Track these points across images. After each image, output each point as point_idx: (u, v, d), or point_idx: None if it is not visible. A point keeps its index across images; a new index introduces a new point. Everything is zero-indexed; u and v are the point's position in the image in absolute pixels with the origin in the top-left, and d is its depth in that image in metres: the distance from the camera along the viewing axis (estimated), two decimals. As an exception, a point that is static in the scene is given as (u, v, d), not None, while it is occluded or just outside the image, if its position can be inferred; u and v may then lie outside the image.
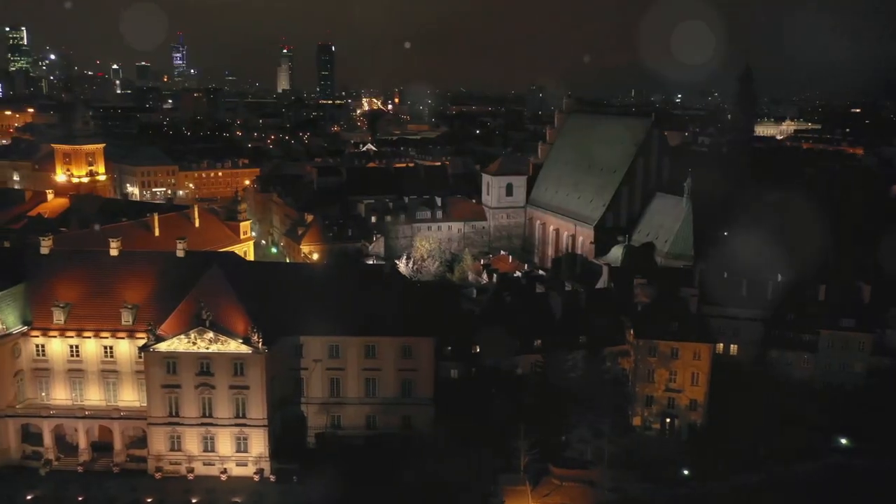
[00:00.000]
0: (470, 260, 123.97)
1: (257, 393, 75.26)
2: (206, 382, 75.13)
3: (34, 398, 79.42)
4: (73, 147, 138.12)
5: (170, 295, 78.71)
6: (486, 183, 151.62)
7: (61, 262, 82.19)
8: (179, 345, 74.14)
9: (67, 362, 78.81)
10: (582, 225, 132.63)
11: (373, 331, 79.52)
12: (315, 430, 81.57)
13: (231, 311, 75.39)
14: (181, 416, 75.89)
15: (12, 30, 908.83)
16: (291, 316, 79.09)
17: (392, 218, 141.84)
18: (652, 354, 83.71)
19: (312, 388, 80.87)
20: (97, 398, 79.38)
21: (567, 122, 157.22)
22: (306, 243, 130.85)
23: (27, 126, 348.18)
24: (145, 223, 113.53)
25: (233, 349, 74.19)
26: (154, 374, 75.03)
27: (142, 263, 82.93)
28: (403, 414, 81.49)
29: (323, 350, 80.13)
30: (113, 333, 77.90)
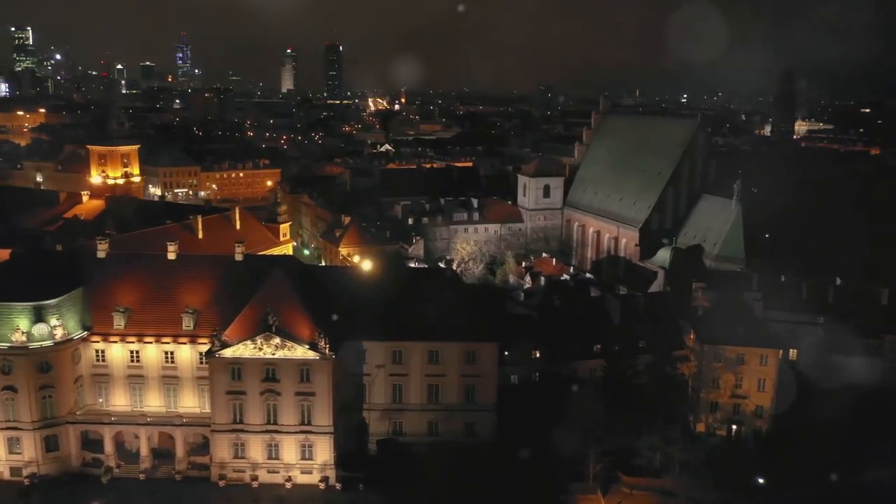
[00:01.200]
0: (513, 262, 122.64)
1: (323, 399, 74.04)
2: (271, 389, 73.92)
3: (93, 404, 78.24)
4: (108, 148, 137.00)
5: (230, 299, 77.62)
6: (522, 184, 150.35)
7: (119, 265, 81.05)
8: (245, 350, 72.93)
9: (127, 368, 77.65)
10: (626, 227, 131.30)
11: (437, 336, 78.31)
12: (376, 436, 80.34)
13: (296, 316, 74.20)
14: (245, 423, 74.66)
15: (18, 30, 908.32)
16: (353, 320, 77.85)
17: (429, 220, 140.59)
18: (717, 360, 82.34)
19: (375, 395, 79.65)
20: (157, 404, 78.20)
21: (604, 124, 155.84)
22: (345, 245, 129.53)
23: (42, 126, 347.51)
24: (189, 225, 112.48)
25: (299, 355, 72.97)
26: (219, 381, 73.84)
27: (201, 267, 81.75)
28: (466, 420, 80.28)
29: (386, 355, 78.95)
30: (175, 339, 76.74)
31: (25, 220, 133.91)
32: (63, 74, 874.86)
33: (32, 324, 72.98)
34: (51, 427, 74.83)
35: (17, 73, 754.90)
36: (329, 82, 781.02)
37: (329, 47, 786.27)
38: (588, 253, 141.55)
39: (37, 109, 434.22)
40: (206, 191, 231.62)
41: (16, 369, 72.95)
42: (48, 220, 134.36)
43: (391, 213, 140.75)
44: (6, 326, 72.79)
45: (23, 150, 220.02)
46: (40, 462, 74.74)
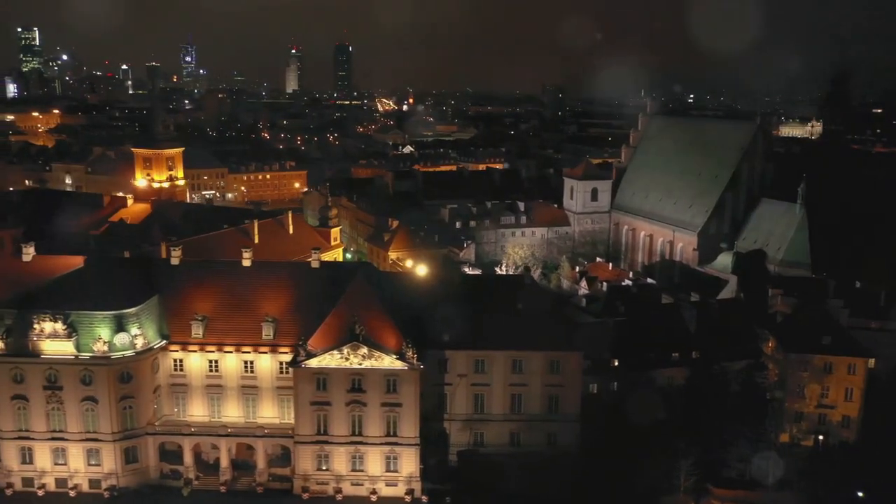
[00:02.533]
0: (567, 266, 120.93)
1: (410, 410, 72.48)
2: (357, 399, 72.34)
3: (170, 414, 76.70)
4: (153, 151, 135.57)
5: (309, 307, 76.12)
6: (569, 187, 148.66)
7: (193, 272, 79.51)
8: (331, 361, 71.37)
9: (206, 377, 76.08)
10: (682, 231, 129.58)
11: (520, 345, 76.73)
12: (457, 447, 78.80)
13: (381, 324, 72.65)
14: (330, 435, 73.08)
15: (24, 30, 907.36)
16: (434, 329, 76.31)
17: (477, 223, 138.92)
18: (803, 369, 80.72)
19: (456, 405, 78.08)
20: (236, 415, 76.61)
21: (651, 125, 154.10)
22: (394, 250, 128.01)
23: (61, 127, 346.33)
24: (245, 230, 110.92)
25: (386, 365, 71.38)
26: (303, 391, 72.28)
27: (277, 274, 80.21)
28: (549, 431, 78.66)
29: (468, 365, 77.39)
30: (255, 348, 75.15)
31: (69, 224, 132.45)
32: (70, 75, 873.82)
33: (114, 333, 71.50)
34: (131, 438, 73.35)
35: (25, 73, 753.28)
36: (339, 83, 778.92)
37: (338, 47, 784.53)
38: (639, 257, 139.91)
39: (51, 110, 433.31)
40: (233, 193, 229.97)
41: (97, 380, 71.48)
42: (92, 224, 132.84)
43: (438, 217, 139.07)
44: (87, 336, 71.32)
45: (51, 152, 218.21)
46: (120, 474, 73.26)
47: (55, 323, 70.60)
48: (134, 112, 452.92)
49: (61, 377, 71.44)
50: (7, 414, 72.12)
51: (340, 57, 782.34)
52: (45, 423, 72.29)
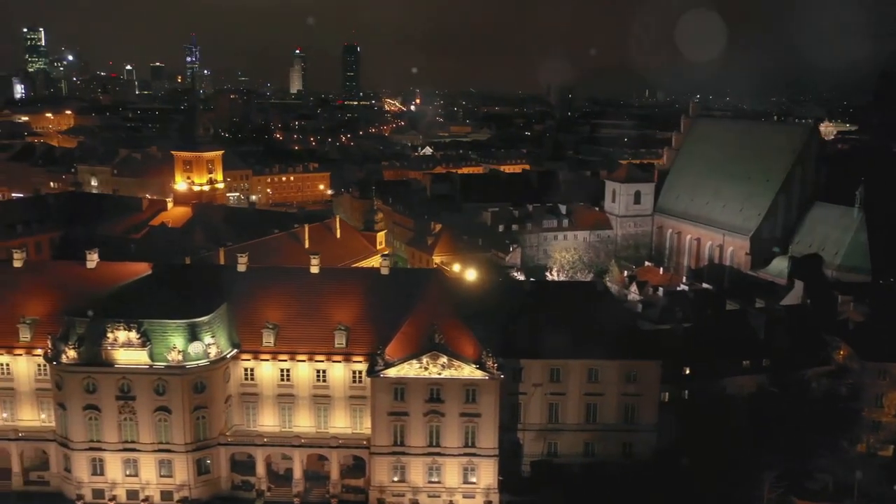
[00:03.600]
0: (617, 270, 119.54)
1: (489, 421, 71.05)
2: (435, 410, 70.91)
3: (240, 424, 75.30)
4: (194, 154, 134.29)
5: (380, 315, 74.88)
6: (611, 190, 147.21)
7: (261, 279, 78.27)
8: (410, 370, 69.96)
9: (278, 387, 74.68)
10: (732, 235, 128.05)
11: (597, 353, 75.30)
12: (530, 457, 77.44)
13: (458, 333, 71.27)
14: (407, 446, 71.65)
15: (30, 30, 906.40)
16: (508, 336, 74.89)
17: (519, 227, 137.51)
18: (882, 377, 79.22)
19: (530, 414, 76.66)
20: (307, 424, 75.18)
21: (694, 128, 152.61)
22: (438, 253, 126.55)
23: (77, 129, 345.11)
24: (295, 234, 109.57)
25: (466, 374, 69.97)
26: (380, 401, 70.85)
27: (346, 281, 79.14)
28: (624, 441, 77.24)
29: (544, 374, 75.96)
30: (328, 357, 73.73)
31: (107, 228, 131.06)
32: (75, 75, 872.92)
33: (188, 342, 70.05)
34: (203, 449, 71.95)
35: (31, 74, 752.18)
36: (346, 83, 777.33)
37: (347, 48, 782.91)
38: (684, 261, 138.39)
39: (63, 111, 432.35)
40: (257, 195, 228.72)
41: (171, 390, 70.04)
42: (132, 228, 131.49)
43: (479, 220, 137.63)
44: (161, 345, 69.90)
45: (75, 154, 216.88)
46: (192, 485, 71.86)
47: (129, 332, 69.16)
48: (146, 113, 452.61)
49: (134, 387, 70.03)
50: (78, 424, 70.68)
51: (349, 57, 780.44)
52: (116, 433, 70.87)
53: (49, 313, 74.84)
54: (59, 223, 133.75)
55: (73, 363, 69.46)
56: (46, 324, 74.27)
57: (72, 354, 69.39)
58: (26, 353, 73.67)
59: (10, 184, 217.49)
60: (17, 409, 75.15)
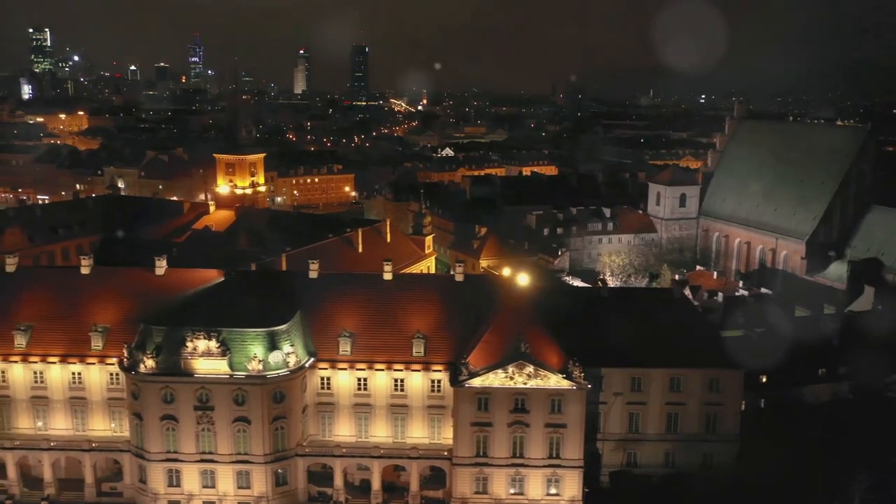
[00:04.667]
0: (669, 275, 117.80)
1: (575, 431, 69.62)
2: (519, 420, 69.44)
3: (315, 435, 73.85)
4: (237, 157, 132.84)
5: (457, 323, 73.58)
6: (655, 193, 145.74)
7: (333, 286, 76.84)
8: (495, 380, 68.51)
9: (354, 396, 73.24)
10: (786, 238, 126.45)
11: (680, 362, 73.80)
12: (609, 468, 75.92)
13: (541, 341, 69.84)
14: (490, 457, 70.19)
15: (36, 31, 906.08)
16: (587, 344, 73.34)
17: (564, 230, 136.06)
18: (967, 386, 77.61)
19: (610, 424, 75.13)
20: (384, 434, 73.73)
21: (740, 129, 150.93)
22: (485, 257, 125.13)
23: (94, 130, 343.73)
24: (349, 239, 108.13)
25: (552, 384, 68.52)
26: (464, 411, 69.39)
27: (420, 288, 77.69)
28: (705, 451, 75.66)
29: (624, 383, 74.43)
30: (407, 366, 72.26)
31: (148, 231, 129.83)
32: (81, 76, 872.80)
33: (268, 351, 68.64)
34: (282, 460, 70.52)
35: (38, 74, 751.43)
36: (355, 84, 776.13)
37: (356, 48, 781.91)
38: (732, 264, 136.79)
39: (75, 112, 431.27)
40: (282, 197, 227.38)
41: (250, 399, 68.61)
42: (173, 231, 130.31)
43: (523, 223, 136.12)
44: (240, 354, 68.49)
45: (101, 156, 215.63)
46: (270, 497, 70.45)
47: (209, 341, 67.76)
48: (158, 114, 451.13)
49: (213, 397, 68.61)
50: (155, 435, 69.29)
51: (357, 58, 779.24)
52: (194, 444, 69.46)
53: (120, 321, 73.66)
54: (99, 227, 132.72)
55: (151, 373, 68.06)
56: (117, 332, 73.10)
57: (150, 364, 68.00)
58: (99, 362, 72.25)
59: (36, 186, 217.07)
60: (89, 419, 73.78)
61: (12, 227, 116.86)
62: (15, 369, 72.74)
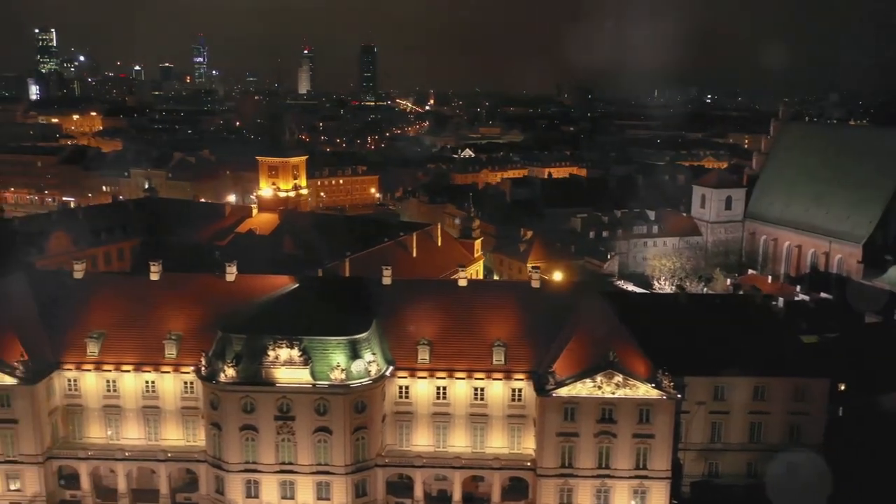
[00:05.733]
0: (723, 279, 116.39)
1: (663, 442, 68.15)
2: (606, 430, 67.98)
3: (393, 444, 72.39)
4: (280, 160, 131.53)
5: (537, 331, 72.12)
6: (700, 195, 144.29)
7: (407, 293, 75.44)
8: (582, 389, 67.06)
9: (433, 405, 71.78)
10: (841, 242, 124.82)
11: (764, 370, 72.31)
12: (690, 478, 74.43)
13: (627, 349, 68.35)
14: (575, 467, 68.75)
15: (41, 31, 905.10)
16: (668, 352, 71.83)
17: (609, 233, 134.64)
18: None
19: (692, 433, 73.64)
20: (463, 444, 72.23)
21: (786, 132, 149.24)
22: (532, 261, 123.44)
23: (111, 131, 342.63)
24: (403, 243, 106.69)
25: (640, 394, 67.07)
26: (550, 421, 67.93)
27: (497, 295, 76.17)
28: (789, 461, 74.06)
29: (707, 391, 72.95)
30: (488, 374, 70.80)
31: (188, 235, 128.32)
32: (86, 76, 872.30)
33: (349, 360, 67.23)
34: (362, 471, 69.12)
35: (45, 75, 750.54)
36: (363, 84, 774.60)
37: (364, 48, 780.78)
38: (781, 268, 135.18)
39: (88, 112, 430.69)
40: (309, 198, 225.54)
41: (332, 409, 67.19)
42: (215, 235, 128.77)
43: (567, 226, 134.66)
44: (322, 363, 67.08)
45: (127, 157, 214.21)
46: (350, 509, 69.01)
47: (291, 349, 66.38)
48: (171, 114, 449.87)
49: (294, 407, 67.20)
50: (234, 445, 67.91)
51: (366, 58, 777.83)
52: (273, 454, 68.08)
53: (192, 328, 72.37)
54: (140, 230, 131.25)
55: (231, 382, 66.66)
56: (190, 339, 71.81)
57: (230, 373, 66.61)
58: (174, 371, 70.86)
59: (62, 188, 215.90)
60: (162, 428, 72.39)
61: (57, 231, 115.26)
62: (87, 378, 71.38)
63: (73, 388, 71.69)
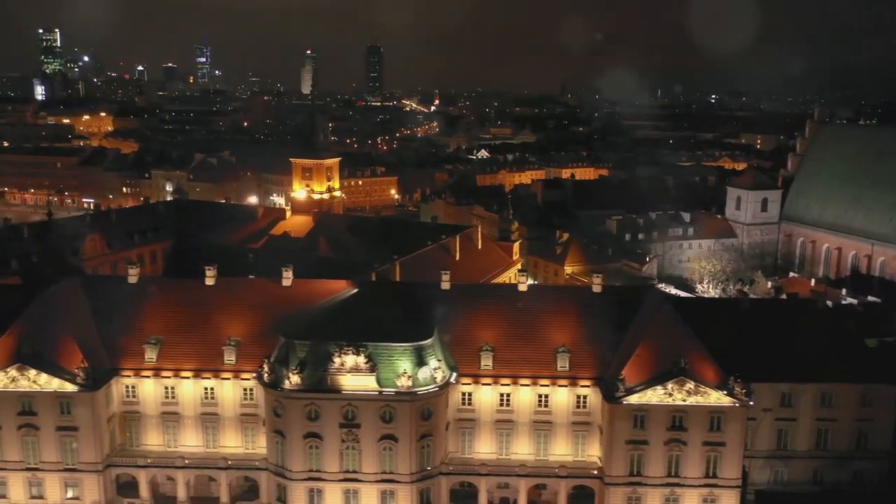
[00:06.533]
0: (764, 282, 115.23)
1: (735, 450, 67.06)
2: (676, 438, 66.86)
3: (455, 452, 71.22)
4: (314, 161, 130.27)
5: (600, 336, 71.11)
6: (735, 197, 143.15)
7: (466, 298, 74.45)
8: (653, 396, 65.93)
9: (496, 412, 70.62)
10: (884, 245, 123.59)
11: (833, 376, 71.13)
12: (755, 486, 73.22)
13: (697, 356, 67.12)
14: (644, 476, 67.63)
15: (46, 31, 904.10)
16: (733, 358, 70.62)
17: (645, 235, 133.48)
18: None
19: (758, 441, 72.47)
20: (526, 452, 71.07)
21: (821, 133, 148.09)
22: (570, 263, 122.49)
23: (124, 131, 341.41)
24: (445, 246, 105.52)
25: (712, 401, 65.92)
26: (619, 429, 66.80)
27: (559, 300, 75.11)
28: (855, 469, 73.03)
29: (774, 398, 71.75)
30: (553, 381, 69.66)
31: (220, 237, 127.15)
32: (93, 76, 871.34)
33: (416, 366, 66.13)
34: (427, 479, 68.04)
35: (49, 75, 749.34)
36: (370, 84, 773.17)
37: (370, 48, 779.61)
38: (819, 270, 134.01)
39: (97, 113, 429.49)
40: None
41: (398, 417, 66.07)
42: (248, 237, 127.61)
43: (603, 228, 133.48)
44: (387, 370, 65.99)
45: (147, 159, 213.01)
46: (414, 517, 67.86)
47: (357, 356, 65.26)
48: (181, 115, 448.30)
49: (359, 414, 66.11)
50: (298, 453, 66.82)
51: (372, 58, 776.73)
52: (338, 462, 66.99)
53: (251, 334, 71.27)
54: (171, 232, 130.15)
55: (296, 389, 65.53)
56: (248, 345, 70.76)
57: (295, 380, 65.46)
58: (234, 377, 69.74)
59: (81, 189, 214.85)
60: (220, 435, 71.26)
61: (93, 233, 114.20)
62: (145, 384, 70.27)
63: (130, 395, 70.57)
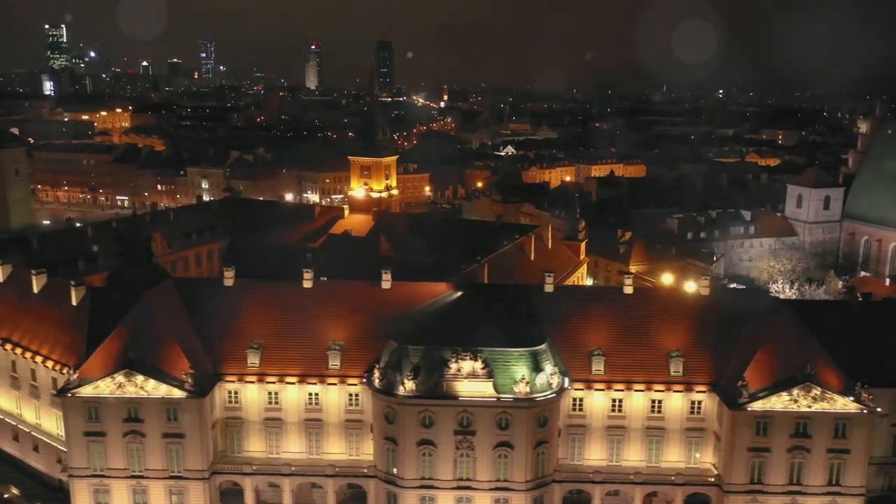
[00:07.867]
0: (835, 282, 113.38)
1: (859, 457, 65.45)
2: (800, 445, 65.16)
3: (564, 459, 69.54)
4: (373, 160, 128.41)
5: (711, 340, 69.55)
6: (796, 195, 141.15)
7: (570, 300, 72.98)
8: (777, 402, 64.21)
9: (608, 418, 68.95)
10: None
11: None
12: (870, 493, 71.30)
13: (820, 360, 65.37)
14: (765, 484, 65.96)
15: (52, 27, 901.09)
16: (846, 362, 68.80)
17: (706, 233, 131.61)
18: None
19: (873, 447, 70.41)
20: (637, 458, 69.42)
21: (884, 129, 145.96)
22: (634, 263, 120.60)
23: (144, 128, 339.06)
24: (520, 247, 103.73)
25: (838, 408, 64.21)
26: (741, 436, 65.10)
27: (665, 303, 73.30)
28: (971, 475, 71.39)
29: (890, 403, 69.77)
30: (668, 387, 67.94)
31: (278, 236, 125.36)
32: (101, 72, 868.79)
33: (533, 372, 64.44)
34: (541, 487, 66.44)
35: (57, 71, 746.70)
36: (381, 80, 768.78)
37: (381, 43, 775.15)
38: (886, 270, 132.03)
39: (114, 109, 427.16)
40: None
41: (515, 424, 64.44)
42: (305, 237, 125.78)
43: (664, 227, 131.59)
44: (503, 375, 64.32)
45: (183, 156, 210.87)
46: (528, 526, 66.19)
47: (474, 362, 63.60)
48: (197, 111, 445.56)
49: (475, 421, 64.47)
50: (410, 460, 65.21)
51: (383, 53, 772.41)
52: (451, 470, 65.38)
53: (354, 338, 69.65)
54: (227, 231, 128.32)
55: (411, 395, 63.85)
56: (351, 349, 69.09)
57: (409, 386, 63.79)
58: (340, 382, 68.04)
59: (115, 187, 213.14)
60: (325, 442, 69.61)
61: (155, 233, 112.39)
62: (249, 390, 68.61)
63: (233, 401, 68.96)
